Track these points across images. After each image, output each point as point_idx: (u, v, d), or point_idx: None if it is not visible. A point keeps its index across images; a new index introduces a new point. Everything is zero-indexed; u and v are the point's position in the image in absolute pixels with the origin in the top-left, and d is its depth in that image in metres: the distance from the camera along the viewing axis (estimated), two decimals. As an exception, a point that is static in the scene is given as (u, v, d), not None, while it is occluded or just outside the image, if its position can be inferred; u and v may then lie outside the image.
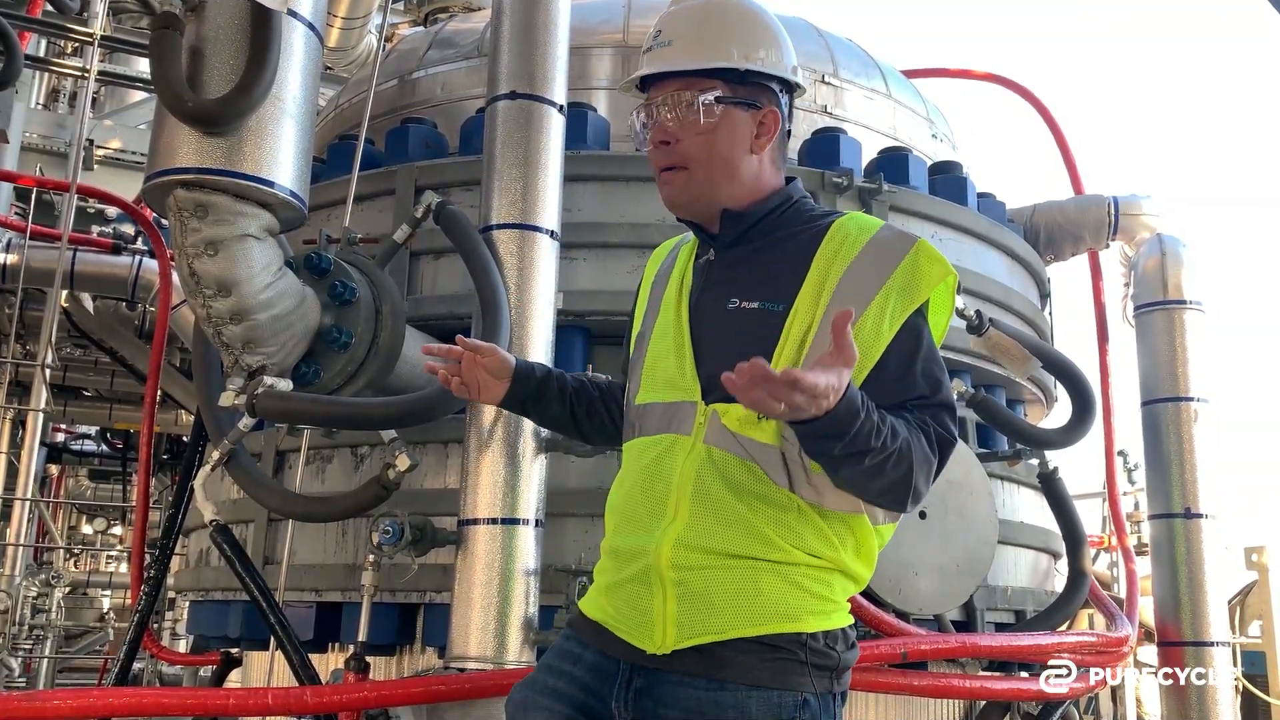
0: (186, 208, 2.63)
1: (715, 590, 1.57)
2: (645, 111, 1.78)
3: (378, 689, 2.80)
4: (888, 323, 1.60)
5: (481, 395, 1.84)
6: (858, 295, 1.61)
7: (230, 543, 3.15)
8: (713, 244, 1.80)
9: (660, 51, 1.77)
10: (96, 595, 14.38)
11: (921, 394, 1.61)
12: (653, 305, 1.87)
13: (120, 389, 10.04)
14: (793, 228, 1.75)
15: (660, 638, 1.59)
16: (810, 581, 1.59)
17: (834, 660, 1.60)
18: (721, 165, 1.74)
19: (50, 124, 9.27)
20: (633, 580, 1.64)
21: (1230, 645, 5.10)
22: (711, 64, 1.73)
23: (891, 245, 1.66)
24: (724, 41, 1.75)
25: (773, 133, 1.79)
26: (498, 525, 2.92)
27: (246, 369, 2.81)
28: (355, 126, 4.17)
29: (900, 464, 1.51)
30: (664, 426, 1.70)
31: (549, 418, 1.96)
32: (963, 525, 3.60)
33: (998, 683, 3.66)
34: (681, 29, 1.77)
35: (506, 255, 3.10)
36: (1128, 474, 9.79)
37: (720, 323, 1.71)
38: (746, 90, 1.76)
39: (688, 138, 1.73)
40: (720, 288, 1.74)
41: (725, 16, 1.79)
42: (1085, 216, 5.14)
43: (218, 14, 2.67)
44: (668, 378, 1.73)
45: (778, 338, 1.63)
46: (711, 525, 1.59)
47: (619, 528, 1.73)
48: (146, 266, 6.94)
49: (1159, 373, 5.02)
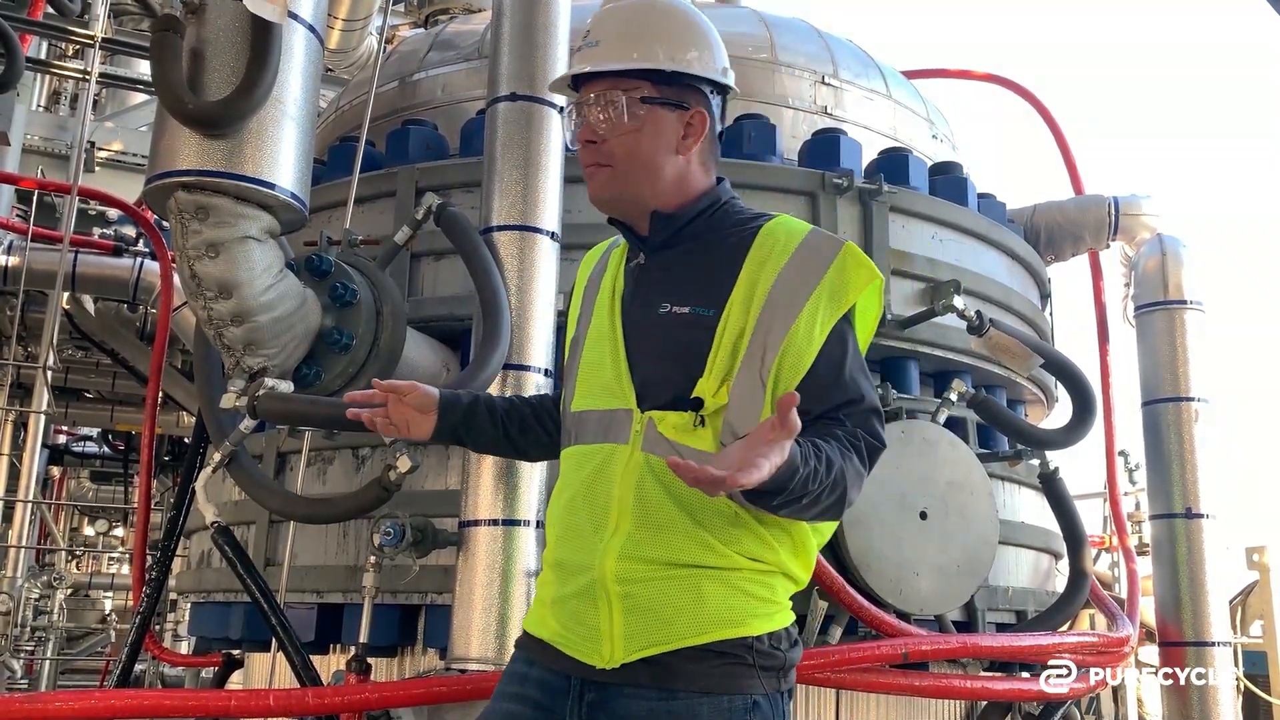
0: (187, 210, 2.64)
1: (660, 602, 1.58)
2: (574, 110, 1.79)
3: (379, 690, 2.80)
4: (818, 329, 1.62)
5: (411, 431, 1.83)
6: (789, 302, 1.62)
7: (232, 544, 3.16)
8: (642, 247, 1.80)
9: (589, 52, 1.77)
10: (98, 597, 14.39)
11: (851, 399, 1.63)
12: (586, 310, 1.88)
13: (121, 391, 10.05)
14: (721, 230, 1.76)
15: (608, 652, 1.60)
16: (753, 585, 1.62)
17: (780, 660, 1.63)
18: (644, 165, 1.74)
19: (51, 126, 9.28)
20: (577, 596, 1.65)
21: (1231, 645, 5.10)
22: (637, 64, 1.74)
23: (819, 250, 1.67)
24: (651, 42, 1.75)
25: (700, 134, 1.79)
26: (499, 526, 2.92)
27: (248, 371, 2.82)
28: (356, 128, 4.18)
29: (834, 491, 1.53)
30: (601, 435, 1.71)
31: (483, 442, 1.95)
32: (963, 525, 3.60)
33: (999, 683, 3.66)
34: (609, 29, 1.78)
35: (507, 257, 3.10)
36: (1129, 474, 9.79)
37: (652, 328, 1.71)
38: (674, 91, 1.76)
39: (613, 137, 1.74)
40: (651, 292, 1.74)
41: (654, 17, 1.79)
42: (1085, 217, 5.14)
43: (218, 16, 2.67)
44: (603, 384, 1.74)
45: (709, 342, 1.64)
46: (653, 534, 1.61)
47: (561, 540, 1.73)
48: (148, 268, 6.95)
49: (1160, 373, 5.02)
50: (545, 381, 3.08)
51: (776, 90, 4.32)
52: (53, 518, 13.94)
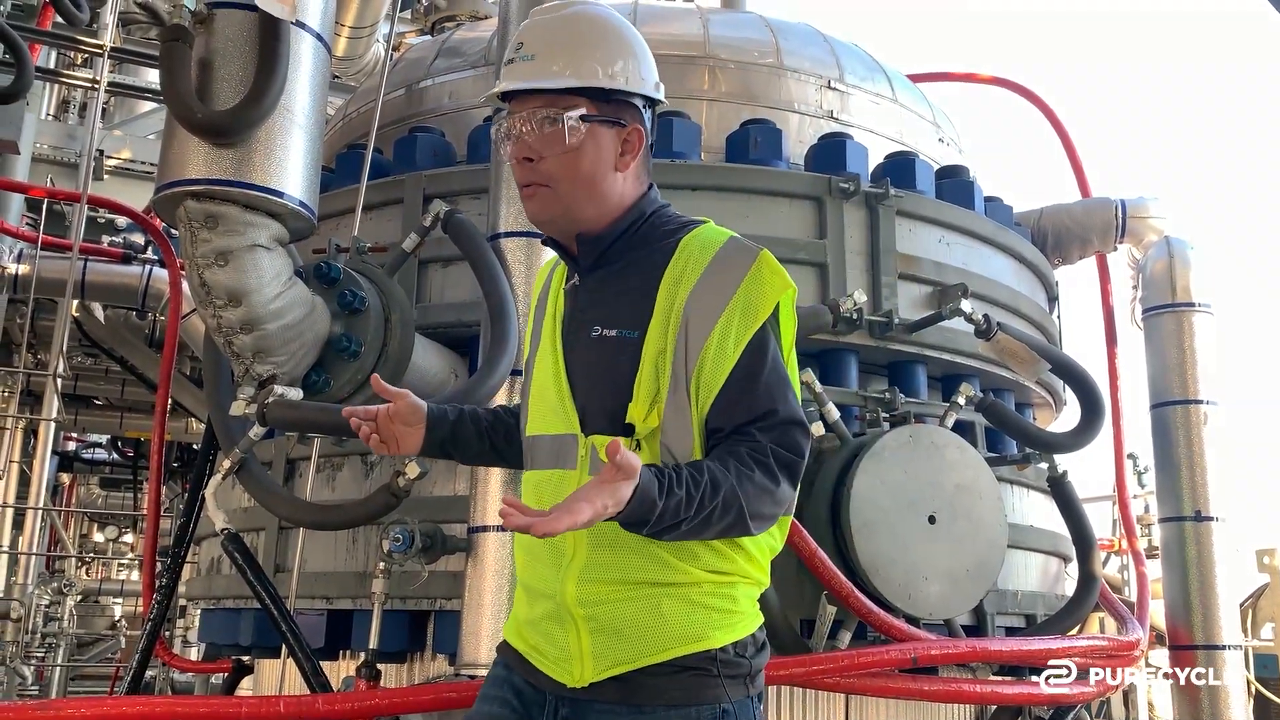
0: (196, 218, 2.65)
1: (623, 621, 1.60)
2: (507, 125, 1.74)
3: (389, 696, 2.81)
4: (732, 343, 1.61)
5: (400, 447, 1.80)
6: (704, 318, 1.61)
7: (241, 551, 3.17)
8: (575, 268, 1.79)
9: (522, 65, 1.71)
10: (108, 603, 14.43)
11: (764, 412, 1.60)
12: (536, 331, 1.88)
13: (131, 397, 10.08)
14: (646, 246, 1.73)
15: (578, 671, 1.62)
16: (713, 599, 1.63)
17: (746, 667, 1.64)
18: (585, 184, 1.70)
19: (61, 135, 9.32)
20: (546, 618, 1.68)
21: (1242, 648, 5.08)
22: (575, 83, 1.69)
23: (732, 262, 1.64)
24: (588, 58, 1.70)
25: (637, 150, 1.76)
26: (507, 532, 2.93)
27: (257, 378, 2.83)
28: (363, 136, 4.19)
29: (727, 512, 1.53)
30: (552, 460, 1.72)
31: (471, 455, 1.93)
32: (972, 530, 3.60)
33: (1008, 687, 3.65)
34: (544, 43, 1.72)
35: (514, 263, 3.11)
36: (1138, 477, 9.75)
37: (586, 351, 1.71)
38: (611, 108, 1.72)
39: (550, 156, 1.68)
40: (585, 314, 1.74)
41: (588, 30, 1.74)
42: (1092, 219, 5.14)
43: (226, 26, 2.69)
44: (550, 408, 1.74)
45: (635, 364, 1.63)
46: (609, 557, 1.62)
47: (526, 565, 1.76)
48: (156, 276, 6.97)
49: (1168, 375, 5.02)
50: (553, 387, 3.08)
51: (782, 95, 4.33)
52: (62, 524, 13.99)
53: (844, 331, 3.65)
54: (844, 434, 3.53)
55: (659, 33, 4.26)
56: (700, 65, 4.25)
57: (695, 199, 3.65)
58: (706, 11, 4.74)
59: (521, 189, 1.75)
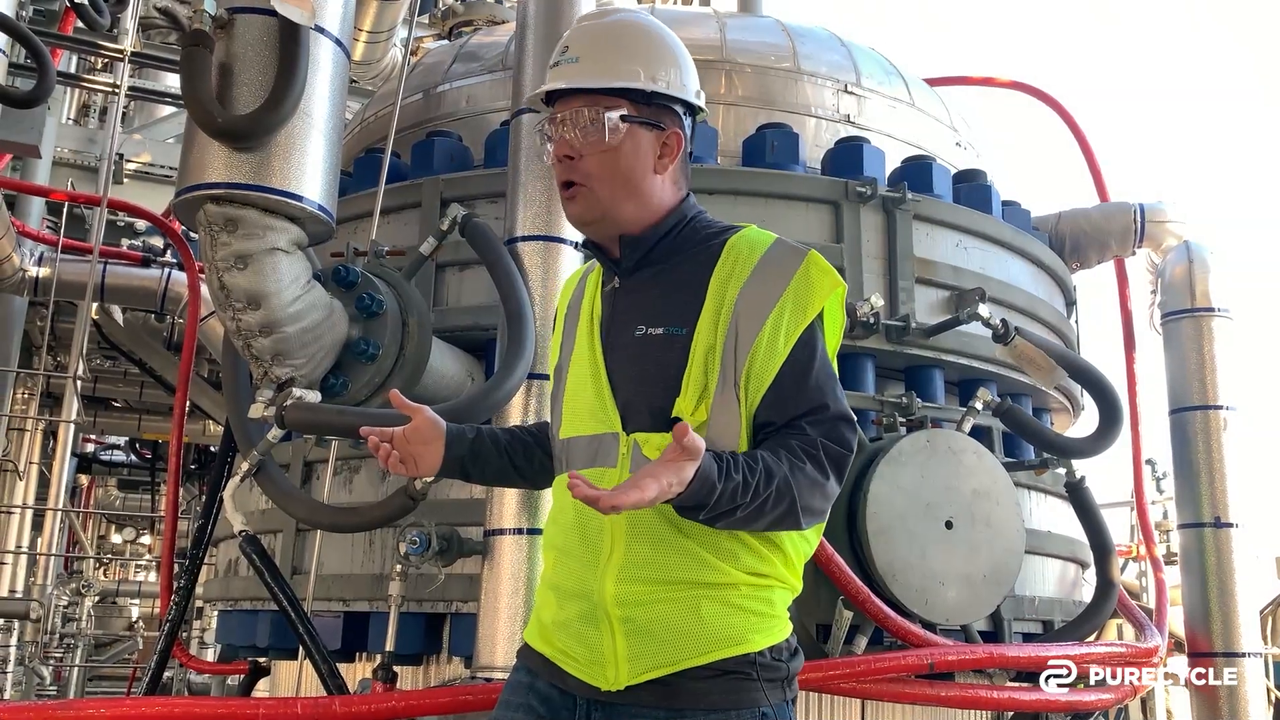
0: (216, 222, 2.67)
1: (660, 624, 1.60)
2: (549, 125, 1.79)
3: (406, 698, 2.82)
4: (783, 339, 1.63)
5: (419, 467, 1.79)
6: (755, 314, 1.63)
7: (259, 553, 3.18)
8: (616, 271, 1.81)
9: (567, 67, 1.77)
10: (125, 604, 14.53)
11: (815, 407, 1.63)
12: (568, 337, 1.89)
13: (149, 400, 10.15)
14: (690, 248, 1.76)
15: (613, 675, 1.61)
16: (751, 601, 1.63)
17: (784, 671, 1.65)
18: (623, 183, 1.74)
19: (81, 139, 9.39)
20: (579, 620, 1.66)
21: (1262, 656, 5.04)
22: (618, 83, 1.74)
23: (782, 260, 1.68)
24: (630, 61, 1.76)
25: (675, 154, 1.80)
26: (523, 535, 2.94)
27: (275, 381, 2.84)
28: (381, 140, 4.21)
29: (779, 501, 1.54)
30: (589, 460, 1.71)
31: (490, 473, 1.92)
32: (989, 535, 3.58)
33: (1025, 694, 3.63)
34: (588, 46, 1.78)
35: (531, 267, 3.12)
36: (1156, 483, 9.70)
37: (630, 351, 1.72)
38: (651, 111, 1.76)
39: (591, 155, 1.73)
40: (627, 315, 1.75)
41: (632, 36, 1.80)
42: (1111, 224, 5.11)
43: (246, 31, 2.71)
44: (588, 409, 1.74)
45: (684, 362, 1.65)
46: (648, 554, 1.62)
47: (558, 565, 1.75)
48: (175, 279, 7.01)
49: (1187, 381, 4.98)
50: (569, 391, 3.09)
51: (799, 99, 4.32)
52: (81, 525, 14.08)
53: (861, 336, 3.65)
54: (861, 439, 3.52)
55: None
56: (717, 69, 4.25)
57: (712, 203, 3.64)
58: (723, 16, 4.75)
59: (562, 190, 1.78)
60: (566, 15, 3.28)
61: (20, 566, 9.65)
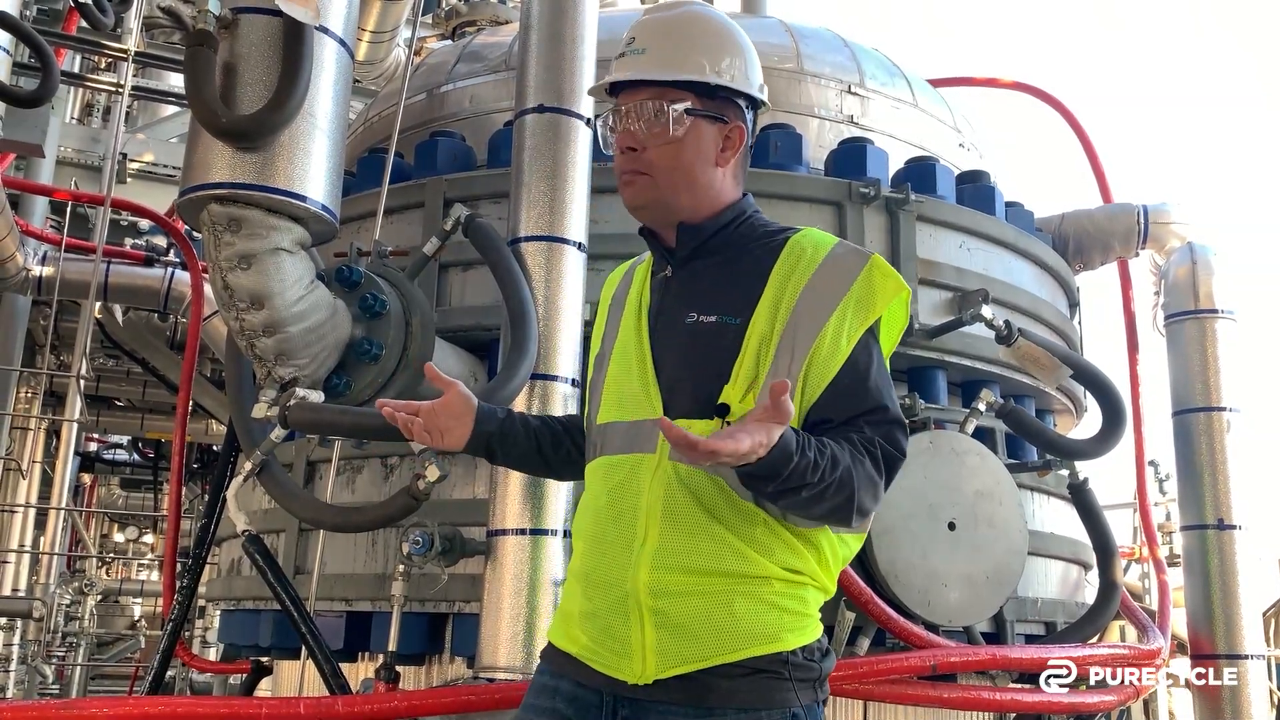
0: (220, 222, 2.67)
1: (692, 618, 1.58)
2: (613, 116, 1.80)
3: (408, 698, 2.82)
4: (845, 339, 1.62)
5: (446, 440, 1.79)
6: (816, 313, 1.63)
7: (262, 552, 3.19)
8: (669, 259, 1.81)
9: (633, 59, 1.78)
10: (128, 603, 14.54)
11: (873, 407, 1.63)
12: (611, 327, 1.88)
13: (152, 399, 10.16)
14: (747, 242, 1.76)
15: (640, 668, 1.59)
16: (786, 599, 1.61)
17: (815, 672, 1.63)
18: (684, 175, 1.75)
19: (85, 138, 9.38)
20: (608, 610, 1.64)
21: (1265, 658, 5.03)
22: (683, 76, 1.75)
23: (847, 262, 1.67)
24: (695, 54, 1.77)
25: (738, 147, 1.81)
26: (526, 535, 2.94)
27: (279, 381, 2.84)
28: (385, 140, 4.22)
29: (841, 490, 1.53)
30: (628, 446, 1.70)
31: (515, 456, 1.92)
32: (992, 536, 3.58)
33: (1028, 695, 3.63)
34: (654, 38, 1.79)
35: (534, 267, 3.12)
36: (1159, 484, 9.69)
37: (679, 338, 1.72)
38: (715, 104, 1.77)
39: (654, 146, 1.74)
40: (678, 302, 1.75)
41: (698, 29, 1.81)
42: (1114, 225, 5.10)
43: (250, 31, 2.71)
44: (630, 395, 1.74)
45: (736, 350, 1.64)
46: (684, 542, 1.60)
47: (589, 552, 1.72)
48: (179, 278, 7.01)
49: (1190, 382, 4.98)
50: (572, 391, 3.09)
51: (803, 100, 4.32)
52: (84, 524, 14.10)
53: (863, 336, 3.64)
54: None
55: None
56: (720, 70, 4.24)
57: (715, 204, 3.65)
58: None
59: (620, 176, 1.79)
60: (570, 15, 3.28)
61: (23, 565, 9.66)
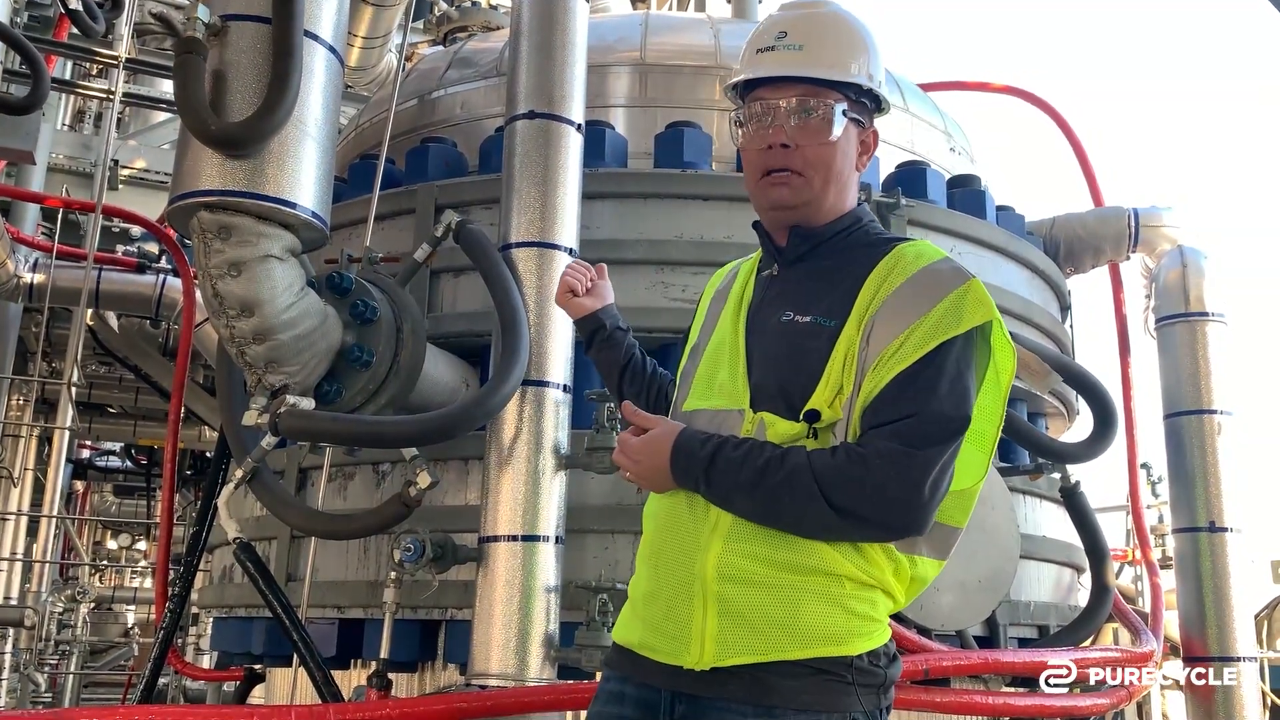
0: (210, 229, 2.67)
1: (755, 611, 1.55)
2: (760, 109, 1.74)
3: (400, 706, 2.81)
4: (909, 350, 1.55)
5: (582, 296, 2.13)
6: (893, 323, 1.58)
7: (253, 560, 3.18)
8: (778, 258, 1.79)
9: (789, 54, 1.73)
10: (121, 610, 14.49)
11: (908, 414, 1.53)
12: (710, 320, 1.88)
13: (144, 406, 10.16)
14: (855, 250, 1.73)
15: (698, 653, 1.56)
16: (855, 602, 1.57)
17: (880, 678, 1.59)
18: (836, 178, 1.74)
19: (76, 145, 9.38)
20: (673, 590, 1.62)
21: (1257, 660, 5.05)
22: (847, 77, 1.72)
23: (940, 277, 1.62)
24: (852, 56, 1.74)
25: (872, 151, 1.82)
26: (518, 542, 2.93)
27: (269, 388, 2.84)
28: (376, 146, 4.21)
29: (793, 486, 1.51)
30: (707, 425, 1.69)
31: (604, 359, 2.14)
32: (984, 540, 3.58)
33: (1021, 699, 3.63)
34: (811, 34, 1.75)
35: (526, 273, 3.12)
36: (1151, 487, 9.72)
37: (773, 335, 1.70)
38: (857, 107, 1.76)
39: (810, 145, 1.71)
40: (777, 301, 1.74)
41: (850, 29, 1.78)
42: (1105, 228, 5.11)
43: (240, 38, 2.71)
44: (719, 385, 1.74)
45: (827, 353, 1.61)
46: (754, 529, 1.58)
47: (658, 533, 1.71)
48: (170, 285, 7.01)
49: (1182, 385, 4.99)
50: (564, 398, 3.09)
51: (794, 105, 4.32)
52: (76, 532, 14.06)
53: (855, 341, 3.64)
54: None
55: (670, 43, 4.26)
56: (712, 75, 4.25)
57: (707, 209, 3.65)
58: (718, 22, 4.75)
59: (766, 175, 1.75)
60: (561, 22, 3.28)
61: (15, 573, 9.64)
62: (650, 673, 1.64)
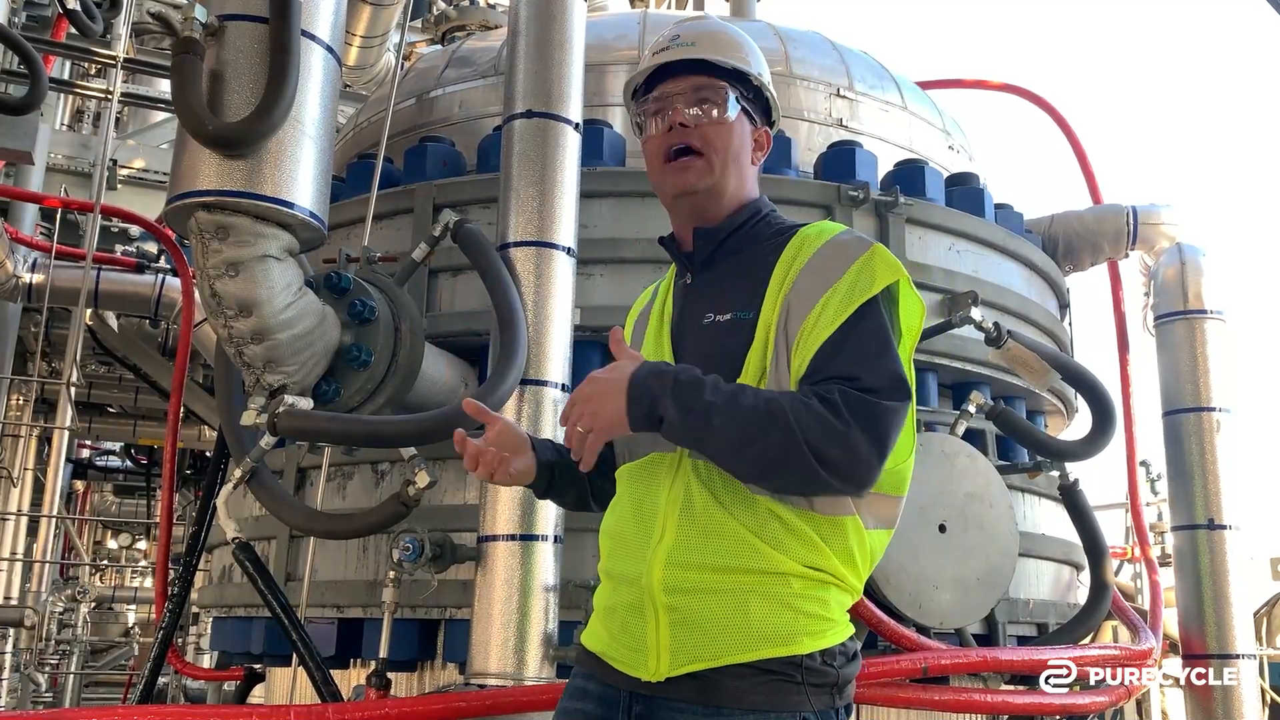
0: (208, 229, 2.67)
1: (706, 617, 1.57)
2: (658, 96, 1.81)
3: (399, 705, 2.81)
4: (830, 316, 1.60)
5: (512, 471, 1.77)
6: (809, 294, 1.63)
7: (252, 560, 3.18)
8: (689, 265, 1.84)
9: (682, 49, 1.82)
10: (122, 610, 14.48)
11: (849, 375, 1.55)
12: (636, 340, 1.92)
13: (144, 405, 10.15)
14: (759, 241, 1.78)
15: (654, 665, 1.59)
16: (804, 601, 1.58)
17: (832, 677, 1.60)
18: (735, 159, 1.80)
19: (75, 145, 9.36)
20: (626, 607, 1.66)
21: (1256, 657, 5.05)
22: (736, 65, 1.81)
23: (845, 246, 1.68)
24: (738, 54, 1.84)
25: (765, 149, 1.88)
26: (517, 541, 2.94)
27: (268, 388, 2.84)
28: (374, 145, 4.21)
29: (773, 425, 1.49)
30: (650, 446, 1.71)
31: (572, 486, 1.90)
32: (983, 538, 3.58)
33: (1020, 697, 3.63)
34: (702, 36, 1.85)
35: (524, 272, 3.12)
36: (1150, 484, 9.72)
37: (697, 339, 1.74)
38: (749, 103, 1.84)
39: (708, 125, 1.78)
40: (696, 305, 1.78)
41: (737, 38, 1.88)
42: (1104, 226, 5.12)
43: (237, 38, 2.71)
44: None
45: (749, 344, 1.66)
46: (700, 540, 1.60)
47: (612, 551, 1.75)
48: (169, 284, 7.01)
49: (1180, 383, 4.99)
50: (562, 396, 3.09)
51: (791, 103, 4.33)
52: (76, 531, 14.06)
53: (854, 339, 3.64)
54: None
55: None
56: (709, 74, 4.24)
57: (704, 207, 3.65)
58: (716, 20, 4.75)
59: (668, 161, 1.80)
60: (558, 21, 3.29)
61: (15, 573, 9.64)
62: (611, 674, 1.68)
